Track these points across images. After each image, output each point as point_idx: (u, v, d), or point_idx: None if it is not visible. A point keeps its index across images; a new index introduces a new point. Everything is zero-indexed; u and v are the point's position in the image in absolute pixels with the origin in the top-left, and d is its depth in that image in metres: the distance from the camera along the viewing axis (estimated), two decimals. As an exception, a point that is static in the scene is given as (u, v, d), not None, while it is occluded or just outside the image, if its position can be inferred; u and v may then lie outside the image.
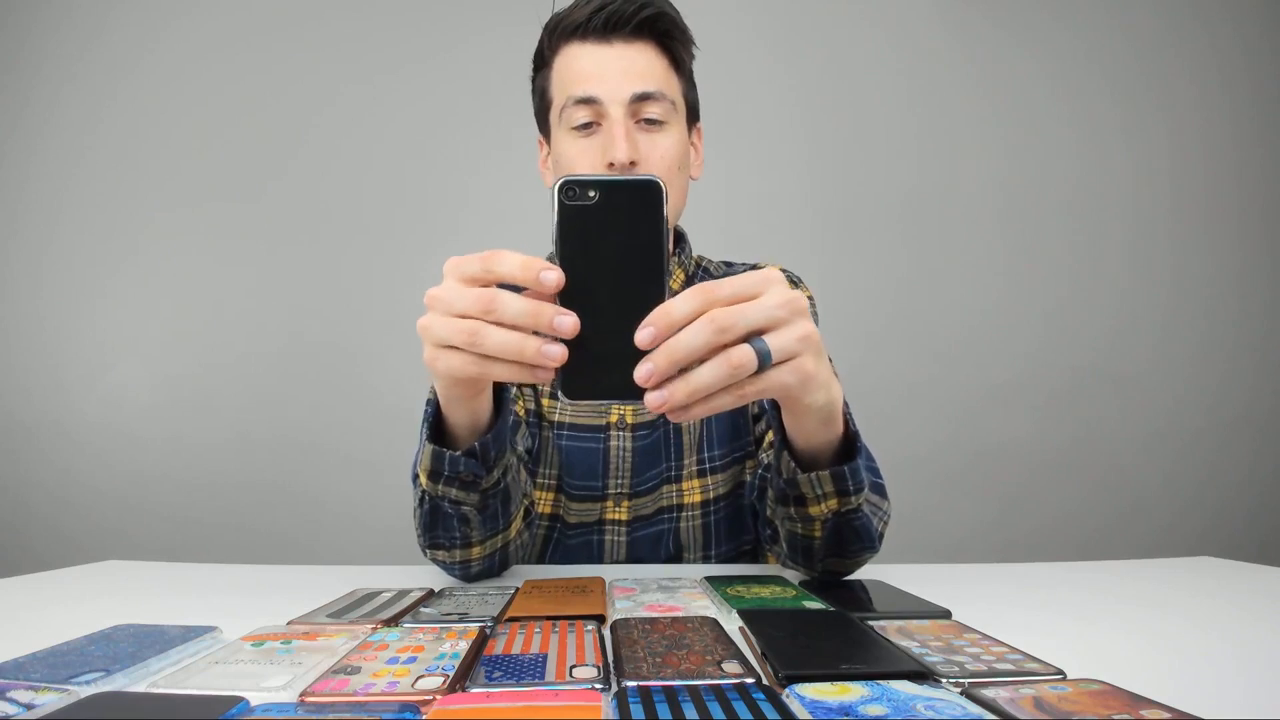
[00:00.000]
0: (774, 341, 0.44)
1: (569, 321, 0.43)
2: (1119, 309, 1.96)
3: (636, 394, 0.44)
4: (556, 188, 0.44)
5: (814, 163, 1.97)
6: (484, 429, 0.56)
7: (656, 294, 0.43)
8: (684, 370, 0.43)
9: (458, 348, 0.45)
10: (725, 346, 0.43)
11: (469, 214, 1.96)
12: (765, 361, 0.44)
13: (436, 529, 0.62)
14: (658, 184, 0.44)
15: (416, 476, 0.61)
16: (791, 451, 0.58)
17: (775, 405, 0.56)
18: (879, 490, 0.63)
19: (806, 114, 1.99)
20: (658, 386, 0.43)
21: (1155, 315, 1.96)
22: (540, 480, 0.83)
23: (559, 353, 0.43)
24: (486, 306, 0.44)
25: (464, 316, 0.45)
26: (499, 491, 0.61)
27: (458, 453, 0.55)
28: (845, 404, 0.57)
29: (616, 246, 0.44)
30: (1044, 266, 1.97)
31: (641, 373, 0.42)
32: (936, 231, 1.98)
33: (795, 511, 0.59)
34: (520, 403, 0.84)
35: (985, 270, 1.97)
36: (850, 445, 0.58)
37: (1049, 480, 1.92)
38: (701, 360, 0.43)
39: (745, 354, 0.43)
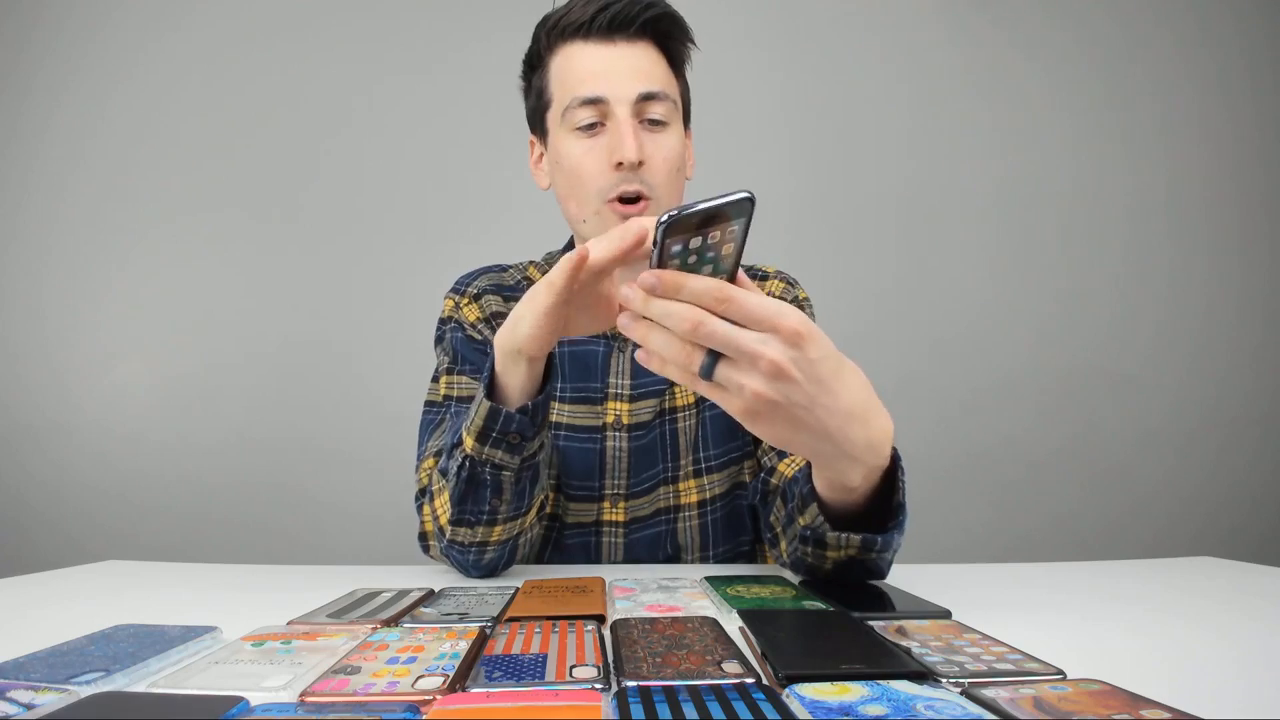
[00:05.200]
0: (723, 371, 0.47)
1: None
2: (1117, 307, 1.96)
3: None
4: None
5: (810, 161, 1.97)
6: (534, 395, 0.62)
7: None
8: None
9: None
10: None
11: (468, 215, 1.96)
12: (704, 375, 0.47)
13: (467, 502, 0.65)
14: (664, 218, 0.44)
15: (456, 446, 0.64)
16: (820, 503, 0.57)
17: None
18: (899, 528, 0.60)
19: (801, 112, 1.99)
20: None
21: (1154, 314, 1.96)
22: (548, 485, 0.83)
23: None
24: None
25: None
26: (533, 465, 0.65)
27: (513, 410, 0.60)
28: (899, 475, 0.56)
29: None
30: (1042, 265, 1.97)
31: (625, 291, 0.47)
32: (933, 230, 1.98)
33: (812, 550, 0.59)
34: None
35: (983, 269, 1.97)
36: (886, 506, 0.57)
37: (1048, 480, 1.92)
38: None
39: (694, 359, 0.47)
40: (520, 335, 0.59)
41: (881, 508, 0.57)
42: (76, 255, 1.98)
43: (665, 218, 0.44)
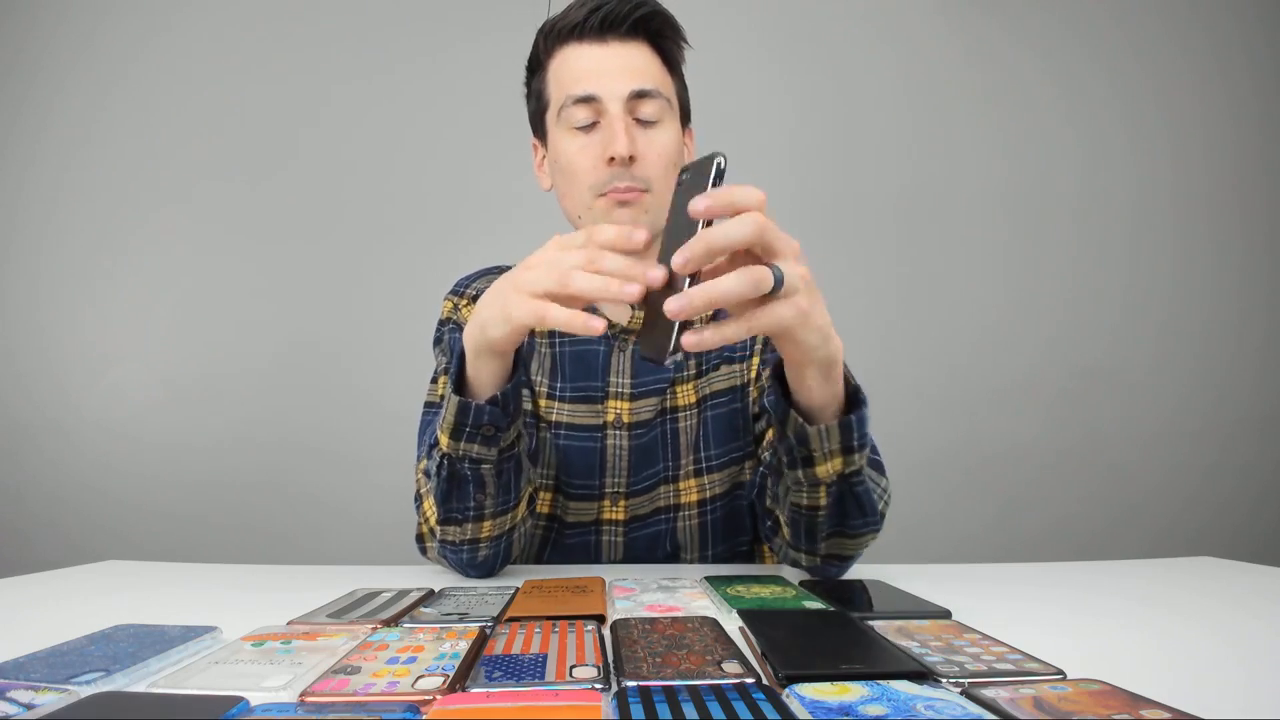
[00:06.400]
0: (785, 268, 0.48)
1: (659, 274, 0.49)
2: (1120, 310, 1.96)
3: (656, 353, 0.48)
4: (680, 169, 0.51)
5: (813, 163, 1.97)
6: (504, 384, 0.62)
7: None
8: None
9: (549, 293, 0.53)
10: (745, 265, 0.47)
11: (470, 215, 1.96)
12: (778, 286, 0.48)
13: (451, 500, 0.65)
14: (713, 159, 0.49)
15: (433, 447, 0.65)
16: (798, 410, 0.59)
17: (778, 371, 0.59)
18: (877, 467, 0.64)
19: (805, 114, 1.99)
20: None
21: (1156, 316, 1.96)
22: (537, 480, 0.83)
23: (636, 290, 0.49)
24: (589, 259, 0.52)
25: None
26: (513, 456, 0.65)
27: (482, 401, 0.60)
28: (845, 364, 0.59)
29: (686, 219, 0.48)
30: (1045, 268, 1.97)
31: (679, 259, 0.46)
32: (937, 234, 1.98)
33: (804, 474, 0.60)
34: None
35: (986, 273, 1.97)
36: (852, 402, 0.59)
37: (1049, 481, 1.92)
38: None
39: (764, 272, 0.47)
40: (491, 338, 0.59)
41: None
42: (75, 256, 1.98)
43: (724, 161, 0.48)
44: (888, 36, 2.01)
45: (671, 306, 0.46)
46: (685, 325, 0.47)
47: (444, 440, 0.63)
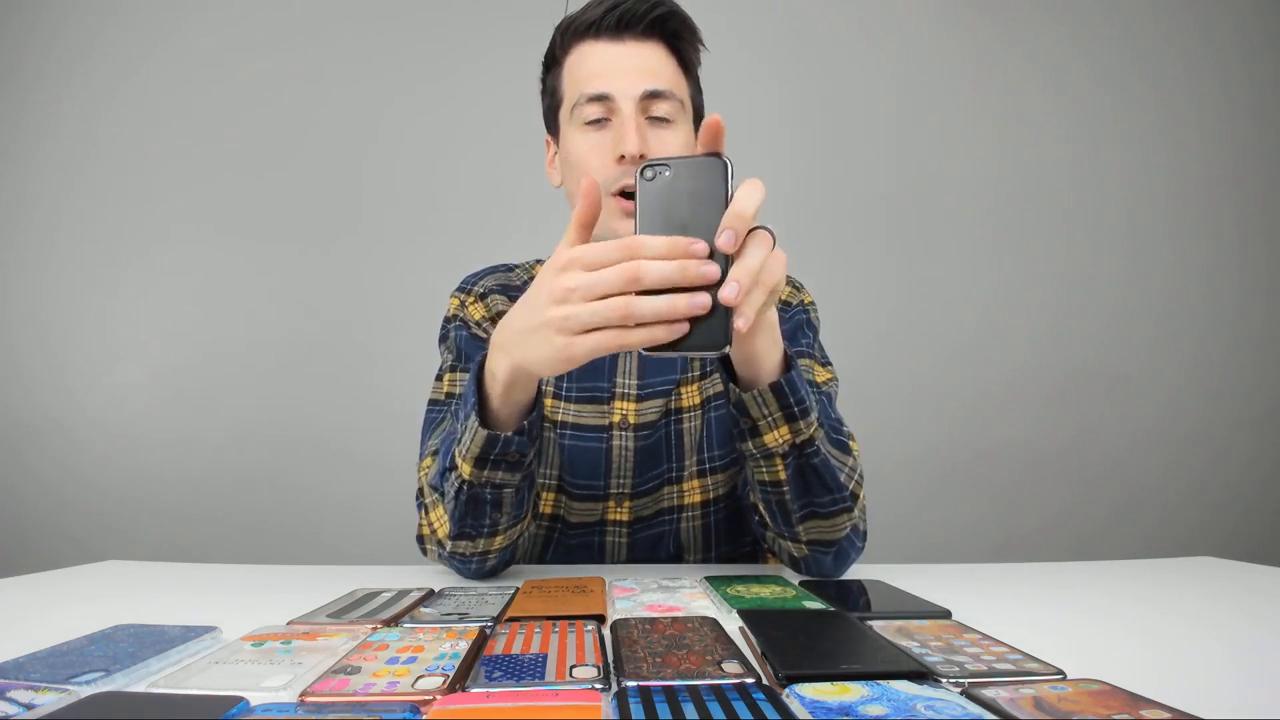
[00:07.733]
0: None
1: (713, 269, 0.47)
2: (1116, 309, 1.96)
3: (714, 343, 0.48)
4: (638, 170, 0.50)
5: (808, 165, 1.97)
6: (529, 410, 0.61)
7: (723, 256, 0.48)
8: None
9: (602, 327, 0.49)
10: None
11: (472, 212, 1.96)
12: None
13: (468, 519, 0.65)
14: (723, 160, 0.49)
15: (449, 470, 0.64)
16: (741, 384, 0.61)
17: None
18: (841, 446, 0.66)
19: (799, 115, 1.99)
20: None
21: (1152, 315, 1.96)
22: (540, 480, 0.83)
23: (705, 300, 0.47)
24: (633, 277, 0.47)
25: (606, 297, 0.48)
26: (529, 475, 0.65)
27: (510, 433, 0.59)
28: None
29: (689, 215, 0.49)
30: (1040, 267, 1.97)
31: (728, 242, 0.47)
32: (932, 233, 1.98)
33: (754, 445, 0.61)
34: None
35: (981, 271, 1.97)
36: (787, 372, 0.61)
37: (1046, 480, 1.92)
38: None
39: (763, 232, 0.49)
40: (536, 374, 0.56)
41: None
42: (78, 253, 1.98)
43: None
44: (880, 36, 2.00)
45: (727, 293, 0.46)
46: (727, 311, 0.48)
47: (466, 469, 0.61)
